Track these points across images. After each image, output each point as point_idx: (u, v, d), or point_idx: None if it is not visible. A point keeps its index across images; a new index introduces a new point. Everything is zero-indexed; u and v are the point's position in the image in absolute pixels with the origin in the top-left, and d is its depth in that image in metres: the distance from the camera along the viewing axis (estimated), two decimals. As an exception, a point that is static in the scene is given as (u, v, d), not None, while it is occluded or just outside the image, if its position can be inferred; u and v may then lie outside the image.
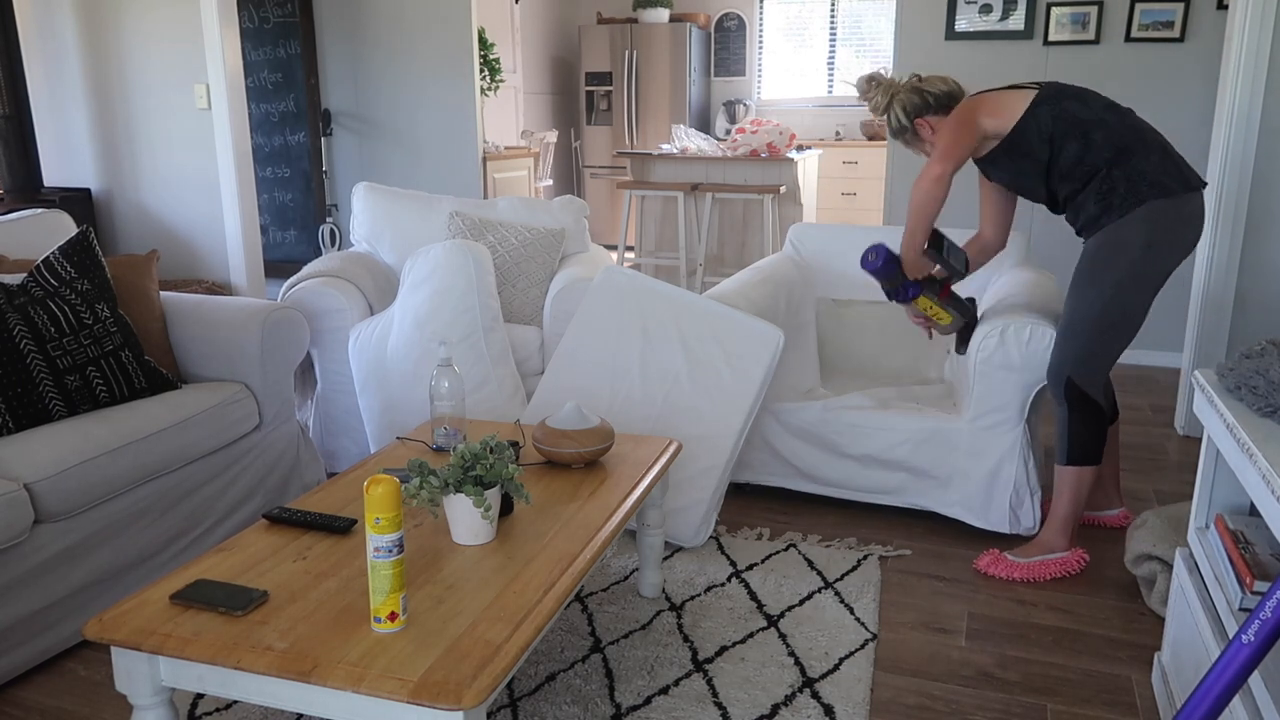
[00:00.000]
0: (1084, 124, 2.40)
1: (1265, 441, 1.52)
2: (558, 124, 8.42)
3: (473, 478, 1.74)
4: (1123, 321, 2.41)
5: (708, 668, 2.13)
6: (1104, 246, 2.39)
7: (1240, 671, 1.25)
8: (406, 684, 1.36)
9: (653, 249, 5.75)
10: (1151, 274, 2.38)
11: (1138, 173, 2.36)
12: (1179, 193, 2.35)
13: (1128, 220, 2.36)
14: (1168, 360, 4.65)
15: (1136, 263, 2.36)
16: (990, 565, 2.58)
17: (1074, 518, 2.55)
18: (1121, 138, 2.38)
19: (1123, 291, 2.38)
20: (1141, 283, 2.38)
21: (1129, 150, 2.38)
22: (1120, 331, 2.42)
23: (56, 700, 2.05)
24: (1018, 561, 2.56)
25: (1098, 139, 2.39)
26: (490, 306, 2.95)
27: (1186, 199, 2.36)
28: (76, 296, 2.42)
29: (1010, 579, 2.55)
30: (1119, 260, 2.37)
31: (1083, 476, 2.52)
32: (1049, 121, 2.41)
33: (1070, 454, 2.51)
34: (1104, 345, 2.44)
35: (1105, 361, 2.46)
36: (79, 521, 2.19)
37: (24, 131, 5.02)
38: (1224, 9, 4.26)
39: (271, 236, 6.10)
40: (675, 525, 2.66)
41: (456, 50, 5.30)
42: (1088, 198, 2.43)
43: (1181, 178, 2.37)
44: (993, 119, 2.46)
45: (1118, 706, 2.04)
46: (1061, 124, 2.41)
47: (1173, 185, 2.35)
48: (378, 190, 3.58)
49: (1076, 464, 2.51)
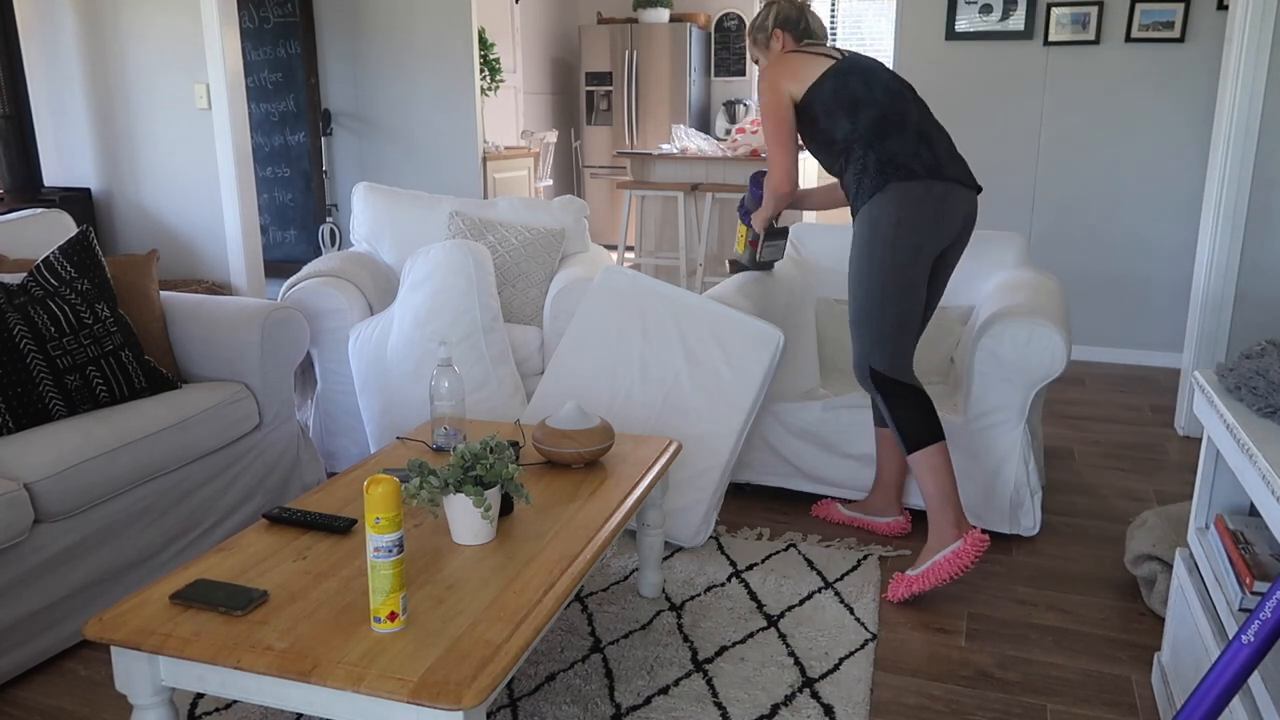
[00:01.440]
0: (857, 102, 2.45)
1: (1265, 442, 1.52)
2: (558, 124, 8.42)
3: (473, 478, 1.74)
4: (899, 299, 2.40)
5: (708, 668, 2.13)
6: (860, 230, 2.44)
7: (1240, 671, 1.25)
8: (406, 684, 1.36)
9: (653, 249, 5.75)
10: (907, 249, 2.38)
11: (887, 155, 2.41)
12: (922, 177, 2.38)
13: (875, 200, 2.41)
14: (1168, 360, 4.65)
15: (891, 241, 2.38)
16: (893, 591, 2.44)
17: (947, 500, 2.40)
18: (884, 120, 2.43)
19: (885, 270, 2.40)
20: (900, 259, 2.39)
21: (884, 134, 2.42)
22: (900, 309, 2.41)
23: (56, 700, 2.05)
24: (913, 574, 2.42)
25: (863, 118, 2.44)
26: (490, 306, 2.95)
27: (931, 184, 2.39)
28: (76, 296, 2.42)
29: (919, 592, 2.40)
30: (875, 241, 2.40)
31: (932, 458, 2.40)
32: (830, 94, 2.46)
33: (907, 441, 2.42)
34: (889, 327, 2.42)
35: (900, 344, 2.43)
36: (79, 521, 2.19)
37: (24, 131, 5.01)
38: (1224, 9, 4.26)
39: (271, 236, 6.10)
40: (675, 525, 2.66)
41: (456, 50, 5.30)
42: (849, 173, 2.49)
43: (932, 165, 2.40)
44: (793, 82, 2.51)
45: (1118, 706, 2.04)
46: (840, 98, 2.45)
47: (917, 169, 2.39)
48: (378, 190, 3.57)
49: (916, 449, 2.41)
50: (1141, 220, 4.59)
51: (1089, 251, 4.69)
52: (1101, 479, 3.26)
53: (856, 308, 2.47)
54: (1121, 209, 4.60)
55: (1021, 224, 4.76)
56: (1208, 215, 3.58)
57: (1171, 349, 4.64)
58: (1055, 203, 4.70)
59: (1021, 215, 4.75)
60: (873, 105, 2.44)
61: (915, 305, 2.43)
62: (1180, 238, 4.53)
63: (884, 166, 2.41)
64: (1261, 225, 3.49)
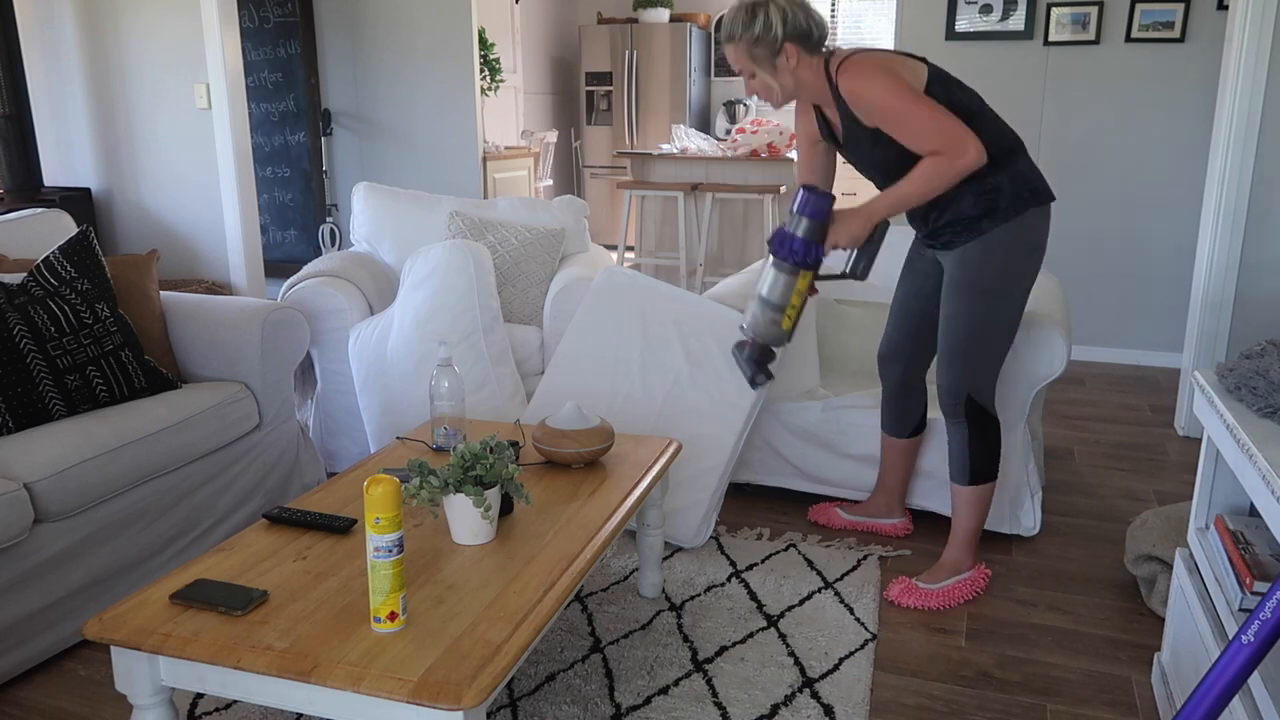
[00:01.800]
0: (971, 116, 2.21)
1: (1265, 442, 1.52)
2: (558, 124, 8.42)
3: (473, 478, 1.74)
4: (1009, 330, 2.32)
5: (708, 668, 2.13)
6: (992, 255, 2.25)
7: (1240, 671, 1.25)
8: (406, 684, 1.36)
9: (653, 249, 5.75)
10: (1030, 280, 2.31)
11: (1021, 177, 2.24)
12: (1048, 201, 2.29)
13: (1012, 226, 2.23)
14: (1168, 360, 4.65)
15: (1024, 271, 2.27)
16: (901, 595, 2.44)
17: (976, 535, 2.48)
18: (1004, 137, 2.25)
19: (1013, 301, 2.30)
20: (1026, 287, 2.31)
21: (1013, 151, 2.25)
22: (1004, 340, 2.33)
23: (56, 700, 2.05)
24: (930, 589, 2.44)
25: (985, 136, 2.21)
26: (490, 306, 2.95)
27: (1049, 207, 2.31)
28: (76, 296, 2.42)
29: (925, 608, 2.42)
30: (1009, 269, 2.26)
31: (984, 494, 2.43)
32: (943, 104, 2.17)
33: (973, 473, 2.40)
34: (997, 359, 2.34)
35: (996, 373, 2.37)
36: (79, 521, 2.19)
37: (24, 131, 5.01)
38: (1224, 9, 4.26)
39: (271, 236, 6.10)
40: (674, 526, 2.66)
41: (456, 50, 5.30)
42: (964, 194, 2.24)
43: (1047, 185, 2.31)
44: (905, 75, 2.17)
45: (1118, 706, 2.04)
46: (955, 110, 2.18)
47: (1045, 193, 2.28)
48: (378, 190, 3.57)
49: (979, 482, 2.41)
50: (1141, 220, 4.59)
51: (1089, 251, 4.69)
52: (1101, 479, 3.26)
53: (968, 335, 2.30)
54: (1121, 209, 4.60)
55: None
56: (1207, 215, 3.58)
57: (1171, 349, 4.64)
58: (1055, 202, 4.70)
59: (1021, 215, 4.75)
60: (987, 120, 2.23)
61: (1014, 334, 2.35)
62: (1180, 238, 4.53)
63: (1020, 189, 2.23)
64: (1261, 225, 3.49)
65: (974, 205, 2.24)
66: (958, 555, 2.48)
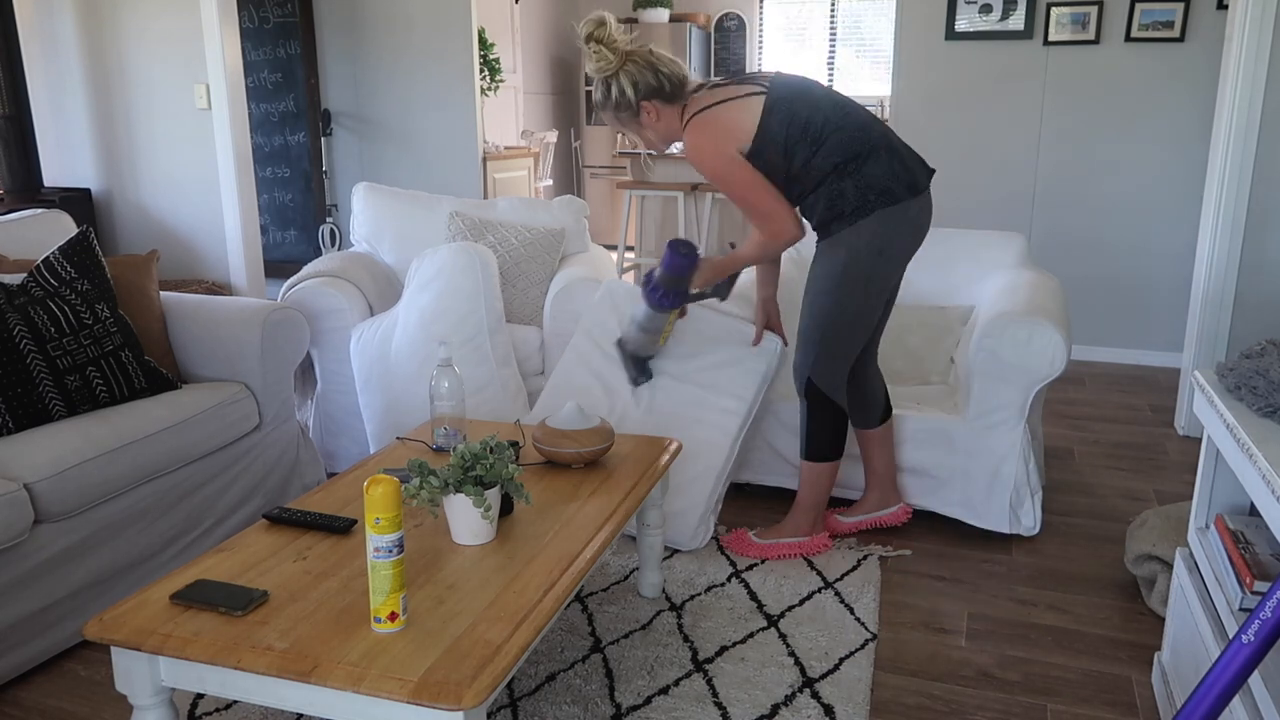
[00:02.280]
0: (811, 127, 2.32)
1: (1265, 441, 1.52)
2: (558, 124, 8.42)
3: (473, 478, 1.74)
4: (856, 324, 2.46)
5: (708, 668, 2.13)
6: (835, 255, 2.39)
7: (1240, 671, 1.25)
8: (406, 684, 1.36)
9: (653, 249, 5.75)
10: (880, 279, 2.42)
11: (865, 181, 2.33)
12: (905, 199, 2.36)
13: (857, 228, 2.35)
14: (1168, 360, 4.65)
15: (868, 273, 2.40)
16: (732, 543, 2.68)
17: (815, 507, 2.64)
18: (851, 143, 2.33)
19: (855, 299, 2.42)
20: (873, 287, 2.42)
21: (862, 157, 2.34)
22: (853, 334, 2.47)
23: (56, 700, 2.05)
24: (759, 543, 2.65)
25: (828, 144, 2.33)
26: (495, 309, 2.95)
27: (910, 203, 2.37)
28: (76, 296, 2.42)
29: (748, 556, 2.64)
30: (851, 270, 2.38)
31: (821, 471, 2.60)
32: (780, 130, 2.32)
33: (809, 450, 2.59)
34: (839, 348, 2.48)
35: (842, 363, 2.51)
36: (79, 521, 2.19)
37: (24, 131, 5.01)
38: (1224, 9, 4.26)
39: (271, 236, 6.10)
40: (672, 528, 2.66)
41: (456, 50, 5.30)
42: (818, 200, 2.39)
43: (908, 181, 2.37)
44: (734, 140, 2.33)
45: (1118, 706, 2.04)
46: (793, 130, 2.32)
47: (900, 192, 2.35)
48: (378, 190, 3.57)
49: (814, 460, 2.59)
50: (1141, 220, 4.59)
51: (1089, 251, 4.69)
52: (1101, 479, 3.26)
53: (812, 324, 2.47)
54: (1121, 209, 4.60)
55: (1021, 224, 4.76)
56: (1207, 215, 3.58)
57: (1171, 349, 4.64)
58: (1055, 202, 4.70)
59: (1021, 215, 4.75)
60: (831, 128, 2.33)
61: (866, 332, 2.50)
62: (1180, 238, 4.53)
63: (864, 193, 2.34)
64: (1261, 225, 3.49)
65: (825, 210, 2.39)
66: (796, 521, 2.66)
